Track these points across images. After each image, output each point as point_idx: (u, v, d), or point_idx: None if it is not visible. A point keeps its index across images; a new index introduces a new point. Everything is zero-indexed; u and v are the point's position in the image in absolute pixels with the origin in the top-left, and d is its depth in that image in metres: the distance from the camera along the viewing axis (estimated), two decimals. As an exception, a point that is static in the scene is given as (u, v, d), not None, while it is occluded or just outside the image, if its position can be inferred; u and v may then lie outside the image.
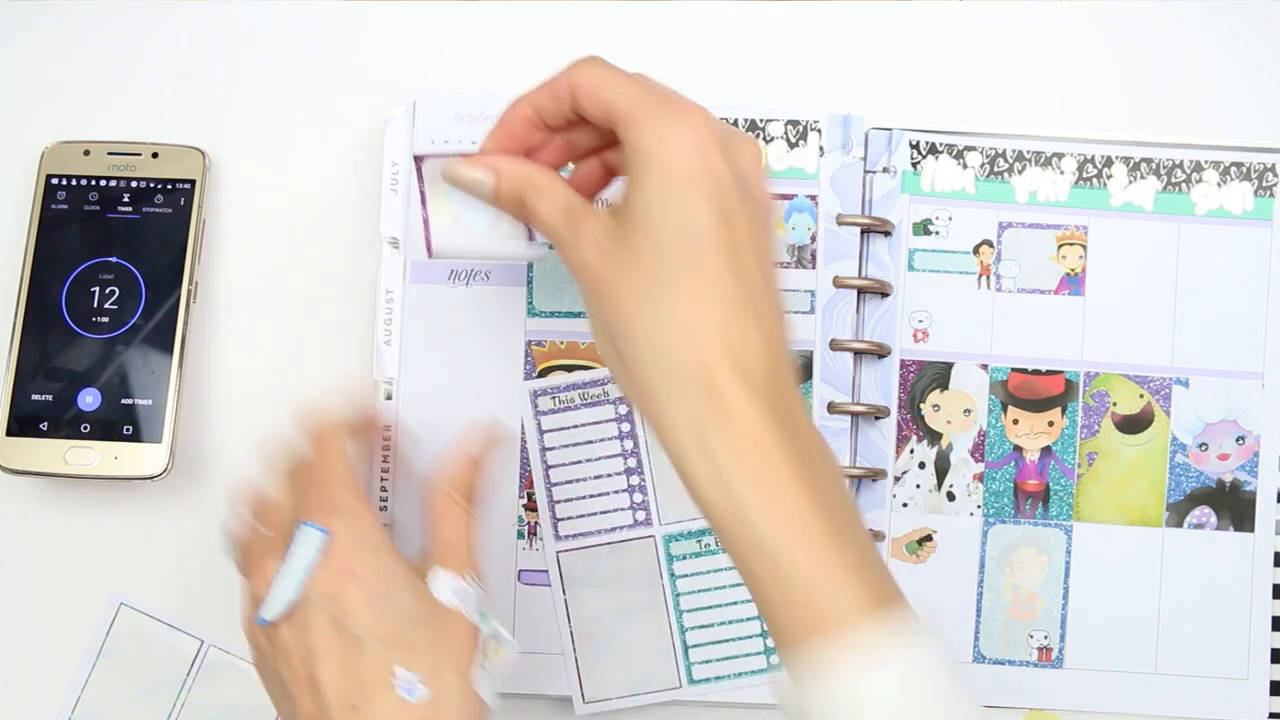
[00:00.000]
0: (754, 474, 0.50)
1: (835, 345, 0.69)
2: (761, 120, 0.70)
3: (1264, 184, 0.70)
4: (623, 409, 0.69)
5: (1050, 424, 0.70)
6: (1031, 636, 0.69)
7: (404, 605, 0.55)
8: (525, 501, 0.69)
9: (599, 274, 0.53)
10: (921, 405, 0.70)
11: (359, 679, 0.54)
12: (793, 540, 0.50)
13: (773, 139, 0.70)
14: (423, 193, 0.59)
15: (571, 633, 0.69)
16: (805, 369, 0.69)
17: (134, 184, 0.70)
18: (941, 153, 0.70)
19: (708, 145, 0.52)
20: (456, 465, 0.61)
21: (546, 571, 0.69)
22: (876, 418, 0.70)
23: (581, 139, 0.57)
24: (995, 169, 0.70)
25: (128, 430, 0.68)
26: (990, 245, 0.70)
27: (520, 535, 0.69)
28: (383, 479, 0.69)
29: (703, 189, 0.52)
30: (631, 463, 0.69)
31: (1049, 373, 0.70)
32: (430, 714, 0.54)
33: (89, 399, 0.68)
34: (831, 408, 0.69)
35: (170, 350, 0.69)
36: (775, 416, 0.50)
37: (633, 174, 0.53)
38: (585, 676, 0.68)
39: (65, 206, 0.70)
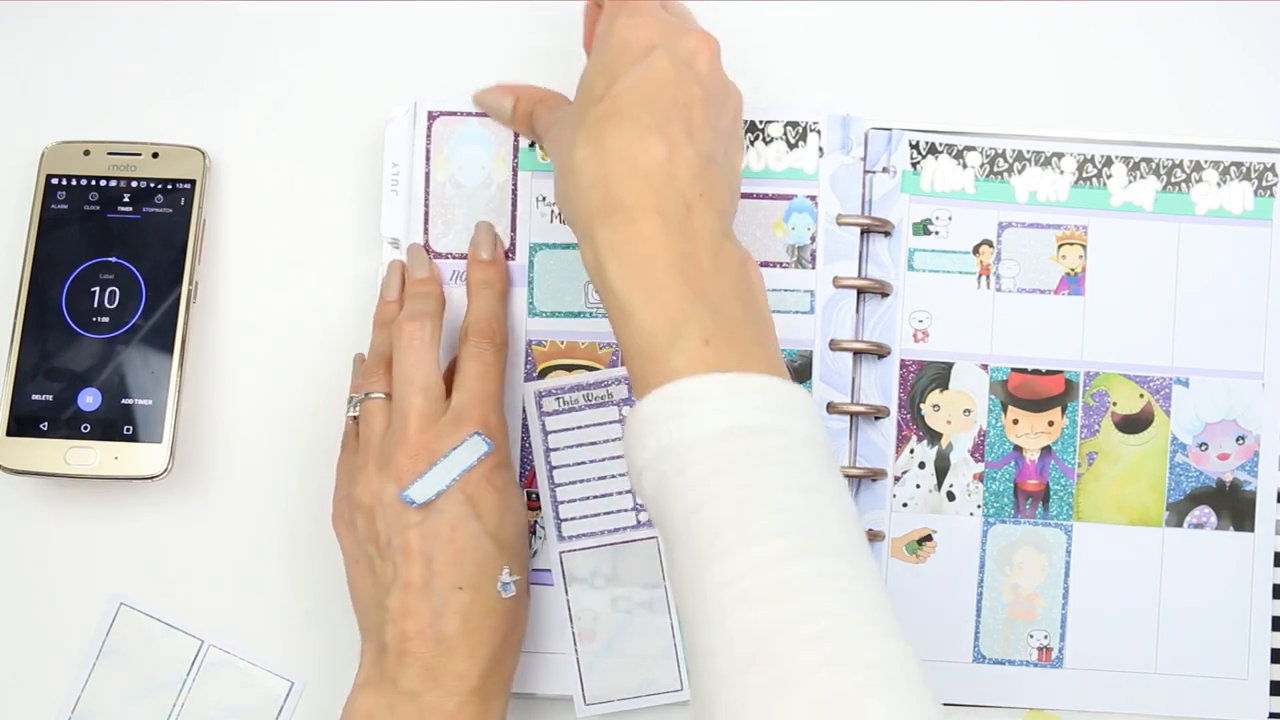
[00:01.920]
0: (620, 244, 0.55)
1: (835, 345, 0.69)
2: (761, 121, 0.70)
3: (1264, 184, 0.70)
4: (627, 409, 0.69)
5: (1050, 424, 0.70)
6: (1031, 636, 0.69)
7: (518, 517, 0.65)
8: (526, 500, 0.69)
9: (547, 129, 0.63)
10: (921, 405, 0.70)
11: (470, 567, 0.62)
12: (643, 297, 0.55)
13: (772, 139, 0.70)
14: (429, 150, 0.69)
15: (574, 633, 0.69)
16: (805, 369, 0.69)
17: (134, 184, 0.70)
18: (941, 153, 0.70)
19: (646, 25, 0.60)
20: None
21: (548, 570, 0.69)
22: (876, 418, 0.70)
23: None
24: (995, 169, 0.70)
25: (128, 430, 0.68)
26: (990, 245, 0.70)
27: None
28: None
29: (630, 53, 0.59)
30: None
31: (1049, 373, 0.70)
32: (512, 606, 0.63)
33: (89, 399, 0.68)
34: (831, 408, 0.69)
35: (170, 350, 0.69)
36: (660, 206, 0.56)
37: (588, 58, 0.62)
38: (586, 677, 0.68)
39: (65, 206, 0.70)
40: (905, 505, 0.70)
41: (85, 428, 0.68)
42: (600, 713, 0.68)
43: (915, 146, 0.70)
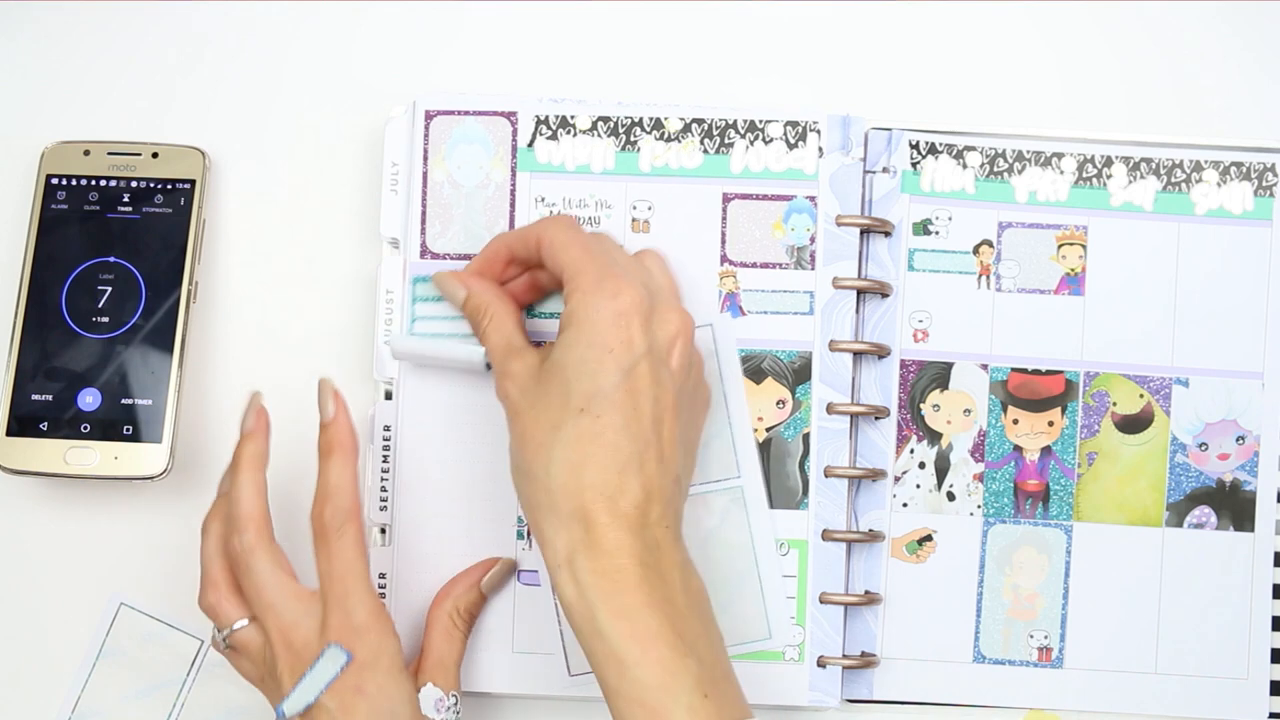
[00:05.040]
0: (609, 593, 0.58)
1: (835, 346, 0.69)
2: (761, 121, 0.70)
3: (1264, 184, 0.70)
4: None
5: (1050, 424, 0.70)
6: (1031, 636, 0.69)
7: (398, 710, 0.62)
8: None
9: (516, 408, 0.62)
10: (921, 405, 0.70)
11: None
12: (639, 651, 0.57)
13: (772, 140, 0.70)
14: (426, 149, 0.70)
15: (561, 631, 0.68)
16: (805, 370, 0.69)
17: (134, 184, 0.70)
18: (941, 153, 0.70)
19: (628, 317, 0.60)
20: (465, 591, 0.67)
21: (535, 571, 0.68)
22: (876, 418, 0.70)
23: (546, 279, 0.67)
24: (995, 169, 0.70)
25: (128, 430, 0.68)
26: (990, 245, 0.70)
27: (520, 535, 0.69)
28: (383, 479, 0.69)
29: (613, 354, 0.60)
30: None
31: (1049, 373, 0.70)
32: None
33: (89, 399, 0.68)
34: (831, 408, 0.69)
35: (170, 350, 0.69)
36: (639, 551, 0.59)
37: (561, 331, 0.62)
38: (571, 649, 0.68)
39: (65, 206, 0.70)
40: (905, 505, 0.69)
41: (85, 428, 0.68)
42: (583, 681, 0.67)
43: (915, 146, 0.70)
